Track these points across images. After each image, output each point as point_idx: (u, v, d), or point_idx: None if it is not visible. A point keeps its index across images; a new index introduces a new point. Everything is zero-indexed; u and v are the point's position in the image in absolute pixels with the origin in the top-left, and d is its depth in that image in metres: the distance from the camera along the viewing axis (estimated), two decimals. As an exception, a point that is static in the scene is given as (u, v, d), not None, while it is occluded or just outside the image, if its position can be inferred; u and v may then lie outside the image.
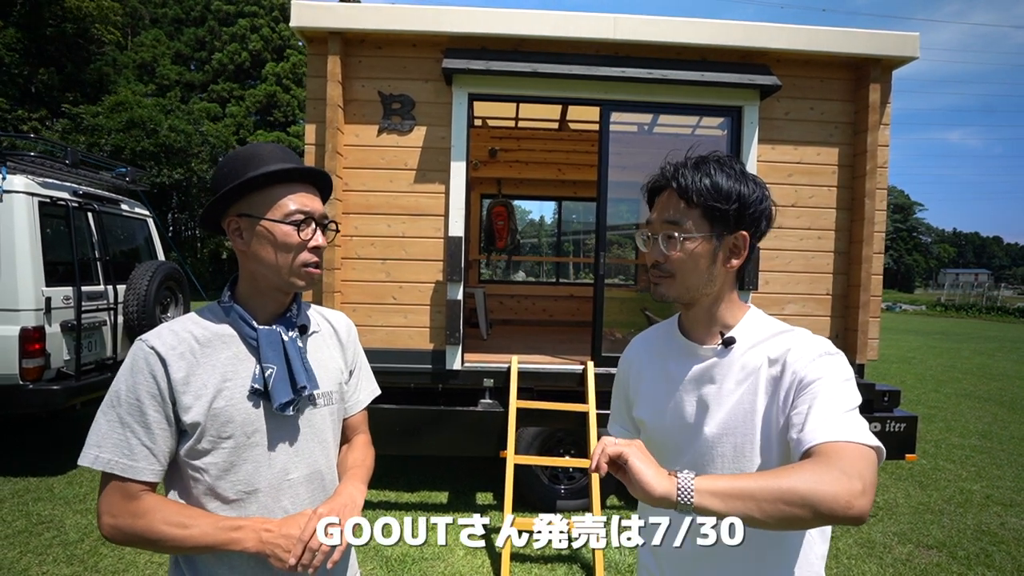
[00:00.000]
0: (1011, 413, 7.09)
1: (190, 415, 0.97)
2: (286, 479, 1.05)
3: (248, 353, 1.04)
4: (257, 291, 1.07)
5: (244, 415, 1.01)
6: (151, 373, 0.96)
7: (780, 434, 0.94)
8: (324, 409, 1.12)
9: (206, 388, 0.99)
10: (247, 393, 1.01)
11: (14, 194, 3.94)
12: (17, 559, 3.03)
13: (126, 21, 25.72)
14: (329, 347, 1.18)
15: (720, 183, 0.96)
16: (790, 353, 0.95)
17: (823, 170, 3.83)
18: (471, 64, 3.52)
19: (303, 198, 1.04)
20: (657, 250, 1.01)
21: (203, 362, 1.00)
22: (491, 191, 7.31)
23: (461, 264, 3.63)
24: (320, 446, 1.11)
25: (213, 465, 0.99)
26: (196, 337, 1.02)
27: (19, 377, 3.84)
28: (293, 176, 1.04)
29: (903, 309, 31.44)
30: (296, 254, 1.03)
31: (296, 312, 1.11)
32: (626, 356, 1.23)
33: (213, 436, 0.99)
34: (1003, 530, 3.70)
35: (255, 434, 1.02)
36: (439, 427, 3.60)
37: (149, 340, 0.99)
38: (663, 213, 1.01)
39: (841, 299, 3.85)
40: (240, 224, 1.04)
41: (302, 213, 1.03)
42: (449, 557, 3.18)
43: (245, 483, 1.01)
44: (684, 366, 1.06)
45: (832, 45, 3.66)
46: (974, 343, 15.44)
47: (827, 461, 0.77)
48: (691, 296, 1.02)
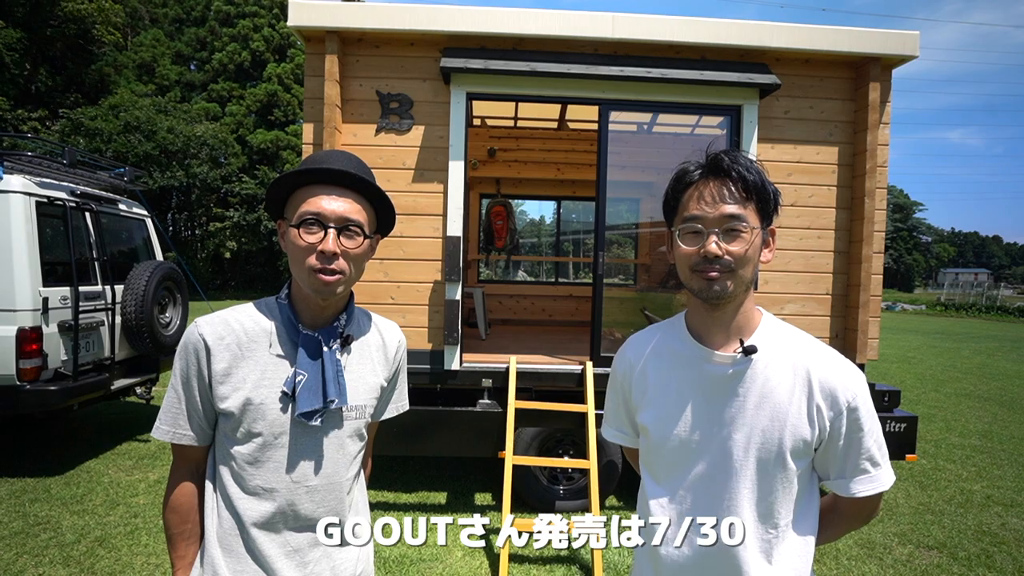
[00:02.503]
0: (1011, 413, 7.08)
1: (226, 403, 1.02)
2: (304, 485, 1.05)
3: (289, 356, 1.06)
4: (300, 295, 1.08)
5: (274, 416, 1.03)
6: (197, 359, 1.03)
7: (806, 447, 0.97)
8: (353, 423, 1.11)
9: (245, 382, 1.02)
10: (280, 395, 1.04)
11: (11, 194, 3.92)
12: (13, 560, 3.02)
13: (126, 21, 25.70)
14: (373, 360, 1.16)
15: (764, 176, 0.97)
16: (828, 378, 0.97)
17: (823, 169, 3.81)
18: (469, 63, 3.51)
19: (323, 200, 1.01)
20: (718, 245, 0.94)
21: (247, 356, 1.03)
22: (490, 191, 7.29)
23: (460, 264, 3.62)
24: (343, 458, 1.10)
25: (241, 455, 1.03)
26: (246, 330, 1.05)
27: (16, 377, 3.82)
28: (317, 177, 1.02)
29: (903, 308, 31.42)
30: (303, 258, 1.00)
31: (344, 321, 1.10)
32: (624, 357, 1.16)
33: (245, 429, 1.03)
34: (1004, 531, 3.68)
35: (281, 436, 1.04)
36: (438, 428, 3.59)
37: (201, 327, 1.04)
38: (718, 205, 0.95)
39: (841, 299, 3.84)
40: (281, 226, 1.07)
41: (312, 215, 1.00)
42: (447, 558, 3.16)
43: (265, 480, 1.04)
44: (699, 374, 1.02)
45: (832, 44, 3.64)
46: (974, 342, 15.42)
47: (868, 510, 1.05)
48: (737, 294, 0.99)
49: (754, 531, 0.97)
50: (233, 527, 1.04)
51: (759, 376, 0.98)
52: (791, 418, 0.95)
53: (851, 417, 0.95)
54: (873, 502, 1.03)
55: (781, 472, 0.96)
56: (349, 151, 1.11)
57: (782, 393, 0.96)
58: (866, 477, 0.98)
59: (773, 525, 0.97)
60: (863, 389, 0.97)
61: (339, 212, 1.01)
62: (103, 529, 3.39)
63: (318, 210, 1.00)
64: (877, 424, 0.99)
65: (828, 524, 1.06)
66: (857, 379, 0.97)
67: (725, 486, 0.98)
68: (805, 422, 0.95)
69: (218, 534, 1.04)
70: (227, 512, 1.05)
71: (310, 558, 1.07)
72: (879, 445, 0.98)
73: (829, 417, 0.95)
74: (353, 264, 1.04)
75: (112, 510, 3.66)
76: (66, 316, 4.14)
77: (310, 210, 1.00)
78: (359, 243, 1.04)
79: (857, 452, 0.97)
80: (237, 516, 1.04)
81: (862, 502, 1.01)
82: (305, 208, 1.00)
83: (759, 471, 0.96)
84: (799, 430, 0.95)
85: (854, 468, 0.98)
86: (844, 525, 1.07)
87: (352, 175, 1.02)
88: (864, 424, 0.96)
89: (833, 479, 1.00)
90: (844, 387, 0.95)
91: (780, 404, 0.96)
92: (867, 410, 0.96)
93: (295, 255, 1.01)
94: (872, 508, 1.05)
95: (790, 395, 0.96)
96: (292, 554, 1.05)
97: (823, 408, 0.95)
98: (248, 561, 1.04)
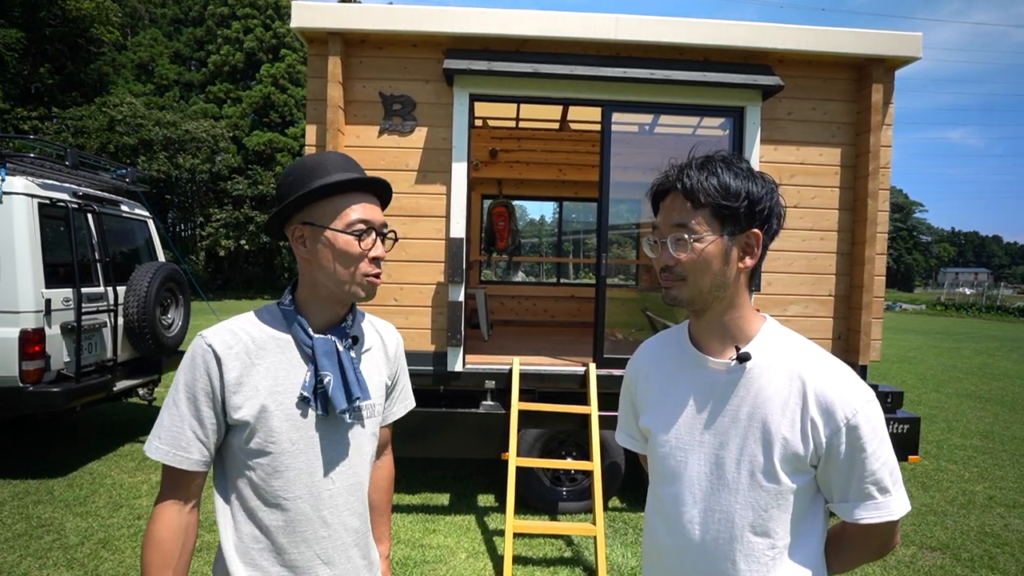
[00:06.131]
0: (1013, 413, 7.08)
1: (240, 413, 1.00)
2: (327, 489, 1.06)
3: (301, 360, 1.06)
4: (316, 299, 1.08)
5: (292, 422, 1.03)
6: (206, 371, 0.99)
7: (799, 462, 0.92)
8: (369, 421, 1.14)
9: (258, 391, 1.01)
10: (296, 400, 1.03)
11: (14, 196, 3.92)
12: (17, 563, 3.02)
13: (125, 21, 25.70)
14: (376, 360, 1.19)
15: (727, 181, 0.94)
16: (825, 391, 0.92)
17: (826, 171, 3.81)
18: (473, 65, 3.51)
19: (365, 208, 1.05)
20: (666, 254, 0.97)
21: (257, 363, 1.02)
22: (492, 192, 7.30)
23: (463, 266, 3.62)
24: (361, 457, 1.12)
25: (260, 465, 1.02)
26: (253, 338, 1.04)
27: (19, 379, 3.82)
28: (357, 186, 1.06)
29: (903, 308, 31.44)
30: (357, 264, 1.04)
31: (351, 322, 1.12)
32: (634, 362, 1.19)
33: (261, 439, 1.01)
34: (1007, 532, 3.69)
35: (299, 441, 1.03)
36: (441, 429, 3.59)
37: (208, 337, 1.01)
38: (670, 216, 0.98)
39: (844, 300, 3.84)
40: (304, 232, 1.05)
41: (364, 223, 1.04)
42: (451, 560, 3.16)
43: (286, 489, 1.03)
44: (694, 380, 1.03)
45: (834, 45, 3.64)
46: (974, 342, 15.44)
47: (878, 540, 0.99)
48: (704, 300, 0.98)
49: (749, 546, 0.94)
50: (255, 539, 1.03)
51: (753, 384, 0.96)
52: (783, 430, 0.92)
53: (851, 435, 0.89)
54: (883, 532, 0.96)
55: (774, 486, 0.92)
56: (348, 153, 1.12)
57: (775, 404, 0.93)
58: (871, 503, 0.91)
59: (770, 545, 0.93)
60: (867, 406, 0.90)
61: (381, 219, 1.08)
62: (106, 531, 3.39)
63: (370, 217, 1.05)
64: (886, 447, 0.91)
65: (839, 551, 1.02)
66: (859, 395, 0.91)
67: (718, 496, 0.96)
68: (798, 436, 0.91)
69: (237, 548, 1.03)
70: (248, 526, 1.03)
71: (338, 559, 1.08)
72: (889, 470, 0.91)
73: (825, 433, 0.90)
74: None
75: (115, 512, 3.66)
76: (69, 318, 4.14)
77: (363, 217, 1.04)
78: (390, 246, 1.11)
79: (860, 475, 0.91)
80: (261, 527, 1.02)
81: (867, 530, 0.95)
82: (357, 215, 1.03)
83: (751, 483, 0.94)
84: (791, 444, 0.91)
85: (858, 492, 0.92)
86: (854, 554, 1.01)
87: (385, 183, 1.10)
88: (867, 444, 0.89)
89: (836, 502, 0.95)
90: (844, 402, 0.90)
91: (772, 415, 0.93)
92: (872, 429, 0.90)
93: (346, 261, 1.03)
94: (883, 539, 0.98)
95: (783, 406, 0.93)
96: (321, 558, 1.05)
97: (818, 422, 0.90)
98: (274, 572, 1.03)
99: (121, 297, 4.64)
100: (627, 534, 3.54)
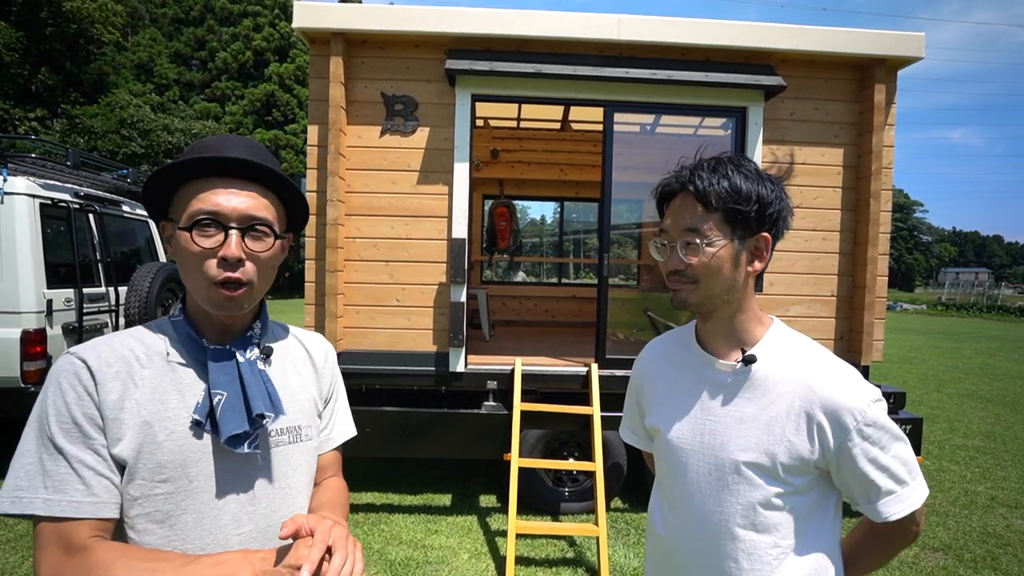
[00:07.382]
0: (1014, 413, 7.07)
1: (119, 448, 0.78)
2: (236, 533, 0.84)
3: (197, 378, 0.86)
4: (201, 308, 0.87)
5: (185, 453, 0.81)
6: (85, 390, 0.79)
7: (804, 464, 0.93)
8: (292, 447, 0.93)
9: (140, 417, 0.80)
10: (189, 425, 0.83)
11: (15, 196, 3.92)
12: (19, 563, 3.02)
13: (126, 21, 25.71)
14: (301, 374, 0.99)
15: (739, 184, 0.93)
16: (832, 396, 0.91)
17: (828, 171, 3.81)
18: (475, 65, 3.51)
19: (220, 195, 0.82)
20: (676, 258, 0.97)
21: (140, 385, 0.82)
22: (493, 192, 7.29)
23: (465, 266, 3.61)
24: (284, 492, 0.90)
25: (144, 516, 0.79)
26: (136, 355, 0.84)
27: (20, 379, 3.82)
28: (225, 170, 0.83)
29: (904, 308, 31.43)
30: (199, 267, 0.82)
31: (259, 331, 0.93)
32: (641, 361, 1.19)
33: (145, 478, 0.79)
34: (1009, 532, 3.68)
35: (198, 477, 0.82)
36: (443, 429, 3.59)
37: (80, 353, 0.81)
38: (680, 219, 0.96)
39: (846, 300, 3.84)
40: (165, 229, 0.88)
41: (205, 213, 0.81)
42: (453, 560, 3.16)
43: (184, 538, 0.81)
44: (699, 381, 1.03)
45: (837, 45, 3.64)
46: (975, 342, 15.43)
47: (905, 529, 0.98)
48: (713, 304, 0.98)
49: (752, 545, 0.94)
50: None
51: (758, 387, 0.96)
52: (787, 433, 0.92)
53: (863, 437, 0.89)
54: (910, 521, 0.96)
55: (776, 487, 0.93)
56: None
57: (780, 406, 0.93)
58: (894, 497, 0.92)
59: (773, 544, 0.94)
60: (874, 407, 0.90)
61: (241, 209, 0.83)
62: (108, 531, 3.39)
63: (215, 208, 0.82)
64: (898, 442, 0.92)
65: (867, 549, 1.02)
66: (866, 397, 0.91)
67: (720, 495, 0.96)
68: (804, 439, 0.91)
69: None
70: None
71: None
72: (902, 461, 0.92)
73: (836, 437, 0.90)
74: (261, 270, 0.87)
75: (117, 512, 3.66)
76: (70, 318, 4.14)
77: (204, 208, 0.81)
78: (268, 245, 0.87)
79: (879, 473, 0.91)
80: None
81: (895, 524, 0.95)
82: (198, 206, 0.81)
83: (753, 483, 0.94)
84: (796, 446, 0.91)
85: (878, 490, 0.92)
86: (885, 547, 1.02)
87: (254, 164, 0.83)
88: (881, 442, 0.90)
89: (862, 504, 0.95)
90: (851, 406, 0.90)
91: (776, 418, 0.93)
92: (882, 427, 0.91)
93: (187, 264, 0.83)
94: (910, 528, 0.98)
95: (788, 409, 0.93)
96: None
97: (825, 427, 0.90)
98: None
99: (122, 297, 4.65)
100: (629, 535, 3.53)
